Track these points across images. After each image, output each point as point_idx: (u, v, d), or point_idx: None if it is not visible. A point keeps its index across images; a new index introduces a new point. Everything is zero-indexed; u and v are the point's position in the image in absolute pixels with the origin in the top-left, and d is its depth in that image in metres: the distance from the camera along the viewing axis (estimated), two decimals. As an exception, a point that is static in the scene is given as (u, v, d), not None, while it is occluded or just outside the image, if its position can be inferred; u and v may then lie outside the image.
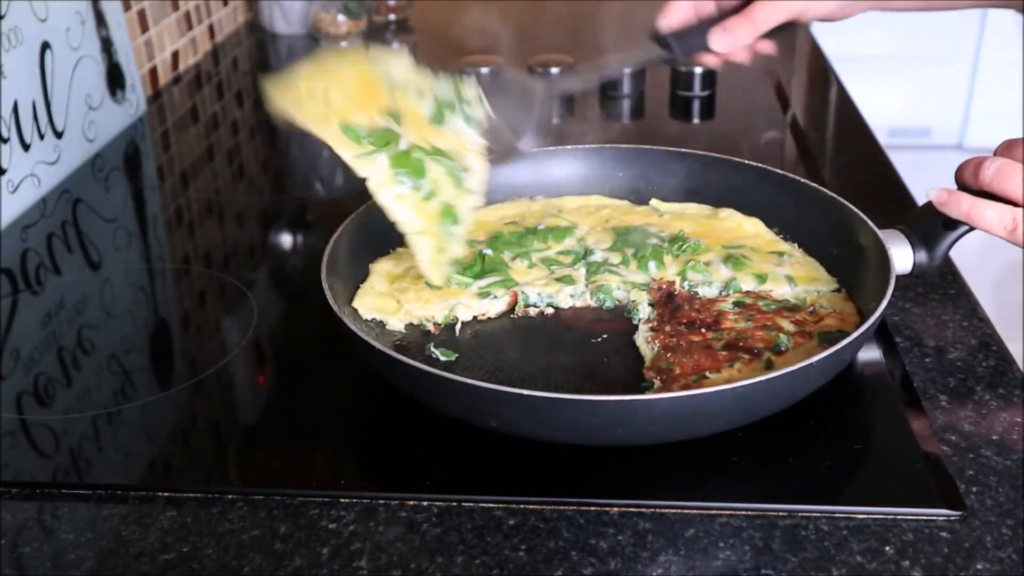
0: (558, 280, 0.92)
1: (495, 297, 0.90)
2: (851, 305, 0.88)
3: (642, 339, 0.85)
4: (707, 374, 0.78)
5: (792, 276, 0.92)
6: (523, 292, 0.90)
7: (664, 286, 0.91)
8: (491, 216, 1.02)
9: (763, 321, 0.85)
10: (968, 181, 0.83)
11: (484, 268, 0.92)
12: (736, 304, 0.88)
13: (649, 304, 0.89)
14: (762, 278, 0.91)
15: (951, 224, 0.84)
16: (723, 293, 0.90)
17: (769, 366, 0.79)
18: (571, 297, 0.91)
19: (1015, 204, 0.80)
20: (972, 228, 0.84)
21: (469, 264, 0.92)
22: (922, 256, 0.86)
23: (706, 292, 0.91)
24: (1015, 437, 0.75)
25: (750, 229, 1.00)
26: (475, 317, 0.89)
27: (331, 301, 0.81)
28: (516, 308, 0.90)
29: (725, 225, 1.00)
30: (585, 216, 1.03)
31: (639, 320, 0.87)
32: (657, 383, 0.78)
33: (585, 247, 0.97)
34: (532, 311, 0.90)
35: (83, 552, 0.67)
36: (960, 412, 0.78)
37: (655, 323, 0.86)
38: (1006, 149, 0.82)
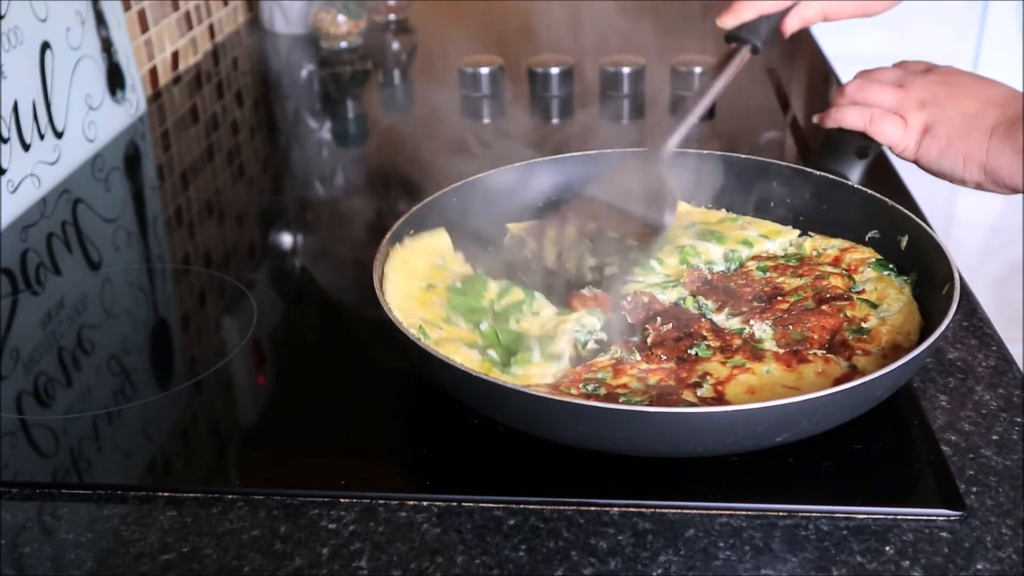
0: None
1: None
2: (840, 240, 0.92)
3: (736, 324, 0.82)
4: (862, 324, 0.80)
5: (764, 234, 0.93)
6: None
7: (696, 275, 0.89)
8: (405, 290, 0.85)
9: (811, 274, 0.87)
10: (838, 101, 1.05)
11: (506, 337, 0.81)
12: (761, 270, 0.89)
13: (691, 295, 0.86)
14: (748, 243, 0.92)
15: (863, 153, 1.02)
16: (729, 268, 0.91)
17: (874, 307, 0.82)
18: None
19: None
20: (875, 155, 1.01)
21: (489, 344, 0.81)
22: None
23: (720, 270, 0.90)
24: (1015, 437, 0.75)
25: (679, 208, 0.96)
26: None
27: (382, 301, 0.78)
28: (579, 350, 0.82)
29: None
30: None
31: (709, 313, 0.84)
32: (826, 353, 0.78)
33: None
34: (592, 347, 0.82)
35: (83, 552, 0.67)
36: (960, 412, 0.78)
37: (730, 308, 0.84)
38: (862, 75, 1.05)
